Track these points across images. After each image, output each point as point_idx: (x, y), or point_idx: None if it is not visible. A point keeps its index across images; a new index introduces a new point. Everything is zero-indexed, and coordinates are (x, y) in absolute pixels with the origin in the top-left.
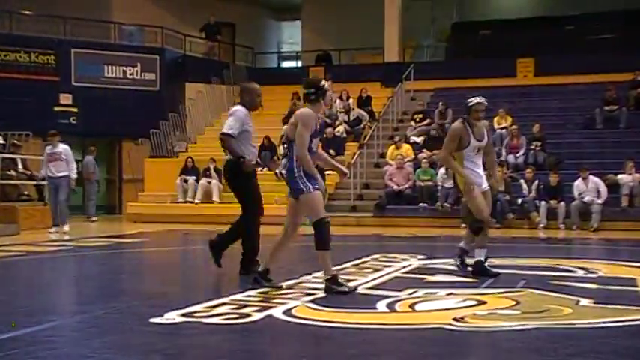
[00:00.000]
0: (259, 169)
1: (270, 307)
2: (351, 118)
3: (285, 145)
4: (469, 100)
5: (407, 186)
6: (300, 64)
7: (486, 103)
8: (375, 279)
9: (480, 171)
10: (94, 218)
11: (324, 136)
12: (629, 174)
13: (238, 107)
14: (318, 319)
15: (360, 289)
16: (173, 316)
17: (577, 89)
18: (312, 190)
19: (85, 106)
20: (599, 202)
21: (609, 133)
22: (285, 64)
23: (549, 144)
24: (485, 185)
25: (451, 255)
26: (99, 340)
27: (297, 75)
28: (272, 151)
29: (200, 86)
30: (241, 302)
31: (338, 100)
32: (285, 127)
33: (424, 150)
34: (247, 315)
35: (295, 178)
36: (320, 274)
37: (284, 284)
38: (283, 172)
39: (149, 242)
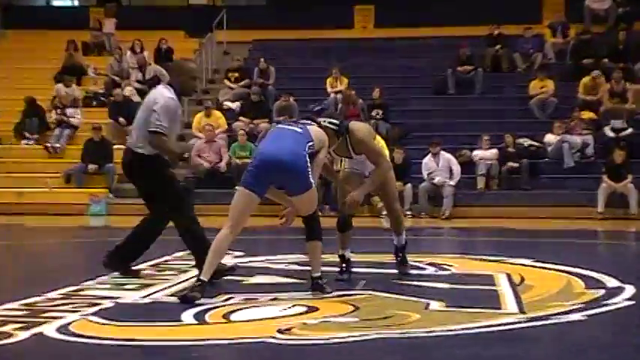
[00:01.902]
0: None
1: (41, 324)
2: (147, 76)
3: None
4: None
5: (221, 165)
6: (77, 2)
7: None
8: (178, 283)
9: None
10: None
11: (112, 98)
12: (486, 149)
13: (167, 94)
14: (104, 336)
15: (160, 297)
16: None
17: (426, 45)
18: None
19: None
20: (452, 183)
21: (463, 100)
22: (58, 2)
23: (393, 112)
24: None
25: (274, 250)
26: None
27: (74, 17)
28: (41, 119)
29: None
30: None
31: (129, 53)
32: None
33: (241, 118)
34: (8, 335)
35: (308, 169)
36: (105, 278)
37: (59, 292)
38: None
39: None
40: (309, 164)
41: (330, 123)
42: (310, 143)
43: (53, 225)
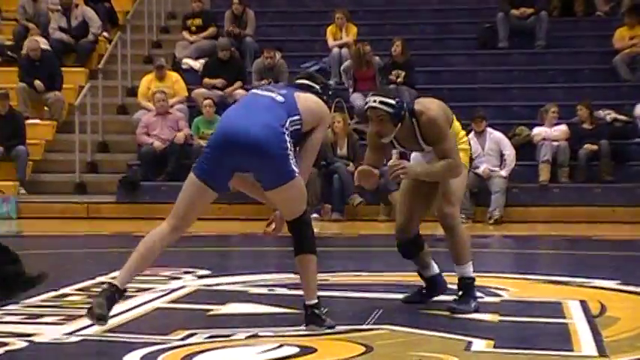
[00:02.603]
0: None
1: None
2: (73, 22)
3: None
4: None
5: (178, 144)
6: None
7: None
8: (121, 313)
9: None
10: None
11: (23, 53)
12: (551, 125)
13: None
14: None
15: (93, 332)
16: None
17: None
18: (297, 171)
19: None
20: (503, 173)
21: (519, 56)
22: None
23: (420, 74)
24: None
25: (253, 268)
26: None
27: None
28: None
29: None
30: None
31: None
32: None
33: (206, 81)
34: None
35: (287, 152)
36: (16, 307)
37: None
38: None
39: None
40: (289, 145)
41: (381, 103)
42: (294, 118)
43: None
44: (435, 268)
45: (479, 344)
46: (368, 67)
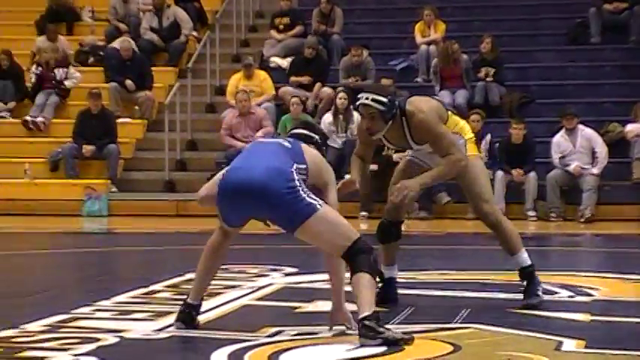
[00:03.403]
0: None
1: None
2: (164, 23)
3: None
4: None
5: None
6: None
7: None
8: (208, 310)
9: None
10: None
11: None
12: None
13: None
14: None
15: (177, 329)
16: None
17: None
18: (322, 203)
19: None
20: (595, 171)
21: (612, 52)
22: None
23: (510, 71)
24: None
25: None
26: None
27: None
28: (18, 82)
29: None
30: None
31: None
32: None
33: (292, 79)
34: None
35: (296, 189)
36: (107, 303)
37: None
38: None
39: None
40: (298, 182)
41: (373, 101)
42: (301, 166)
43: (33, 229)
44: (395, 272)
45: (569, 344)
46: (455, 65)
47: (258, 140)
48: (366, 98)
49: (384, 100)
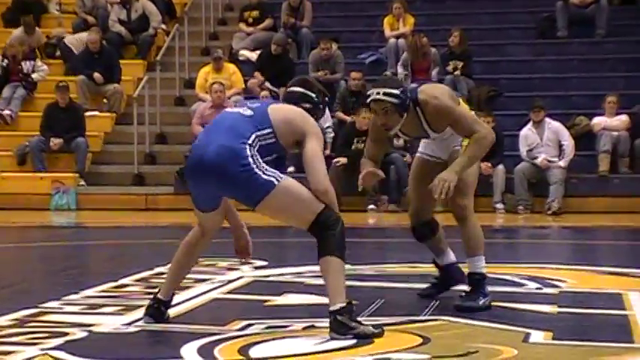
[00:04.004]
0: None
1: None
2: (133, 15)
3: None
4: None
5: None
6: None
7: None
8: (178, 304)
9: None
10: None
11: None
12: (611, 115)
13: None
14: None
15: (146, 323)
16: None
17: None
18: (281, 177)
19: None
20: (562, 164)
21: (579, 46)
22: None
23: (478, 64)
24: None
25: (311, 258)
26: None
27: None
28: None
29: None
30: None
31: None
32: None
33: (256, 73)
34: None
35: (250, 166)
36: (76, 297)
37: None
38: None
39: None
40: (252, 159)
41: (385, 94)
42: (264, 132)
43: (1, 223)
44: (451, 257)
45: (537, 336)
46: (424, 58)
47: (225, 111)
48: (377, 93)
49: (397, 92)
